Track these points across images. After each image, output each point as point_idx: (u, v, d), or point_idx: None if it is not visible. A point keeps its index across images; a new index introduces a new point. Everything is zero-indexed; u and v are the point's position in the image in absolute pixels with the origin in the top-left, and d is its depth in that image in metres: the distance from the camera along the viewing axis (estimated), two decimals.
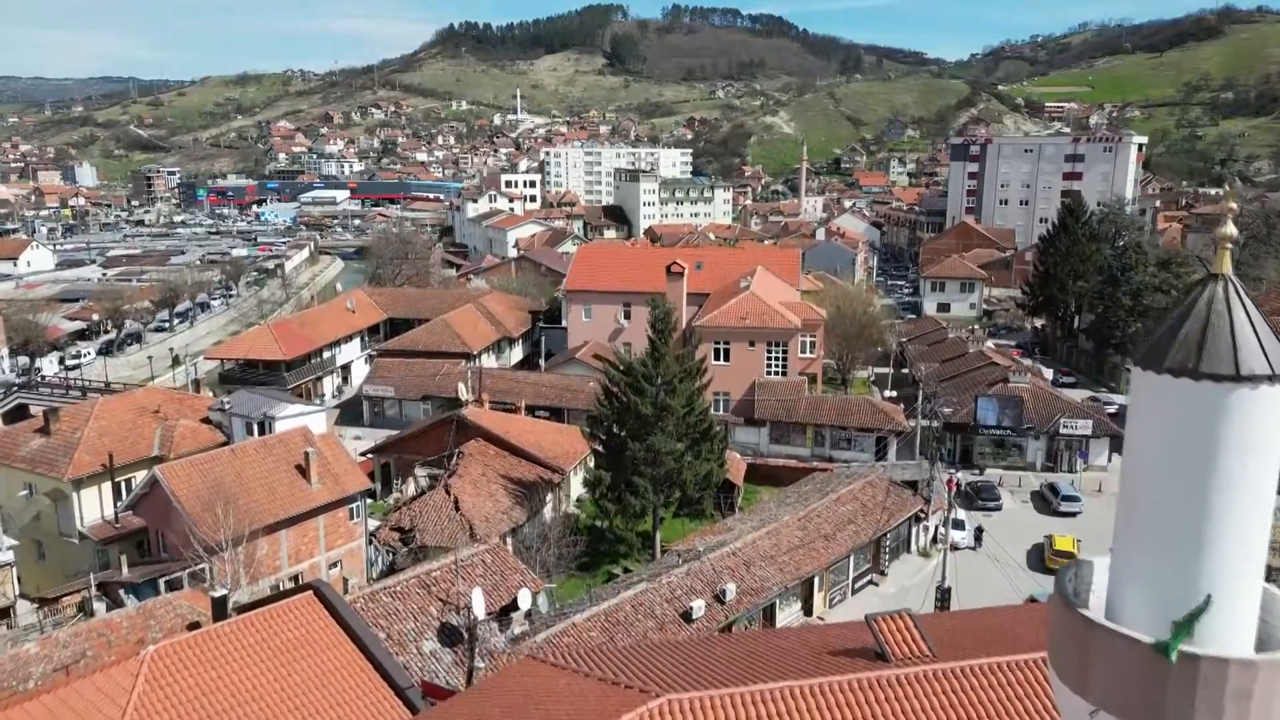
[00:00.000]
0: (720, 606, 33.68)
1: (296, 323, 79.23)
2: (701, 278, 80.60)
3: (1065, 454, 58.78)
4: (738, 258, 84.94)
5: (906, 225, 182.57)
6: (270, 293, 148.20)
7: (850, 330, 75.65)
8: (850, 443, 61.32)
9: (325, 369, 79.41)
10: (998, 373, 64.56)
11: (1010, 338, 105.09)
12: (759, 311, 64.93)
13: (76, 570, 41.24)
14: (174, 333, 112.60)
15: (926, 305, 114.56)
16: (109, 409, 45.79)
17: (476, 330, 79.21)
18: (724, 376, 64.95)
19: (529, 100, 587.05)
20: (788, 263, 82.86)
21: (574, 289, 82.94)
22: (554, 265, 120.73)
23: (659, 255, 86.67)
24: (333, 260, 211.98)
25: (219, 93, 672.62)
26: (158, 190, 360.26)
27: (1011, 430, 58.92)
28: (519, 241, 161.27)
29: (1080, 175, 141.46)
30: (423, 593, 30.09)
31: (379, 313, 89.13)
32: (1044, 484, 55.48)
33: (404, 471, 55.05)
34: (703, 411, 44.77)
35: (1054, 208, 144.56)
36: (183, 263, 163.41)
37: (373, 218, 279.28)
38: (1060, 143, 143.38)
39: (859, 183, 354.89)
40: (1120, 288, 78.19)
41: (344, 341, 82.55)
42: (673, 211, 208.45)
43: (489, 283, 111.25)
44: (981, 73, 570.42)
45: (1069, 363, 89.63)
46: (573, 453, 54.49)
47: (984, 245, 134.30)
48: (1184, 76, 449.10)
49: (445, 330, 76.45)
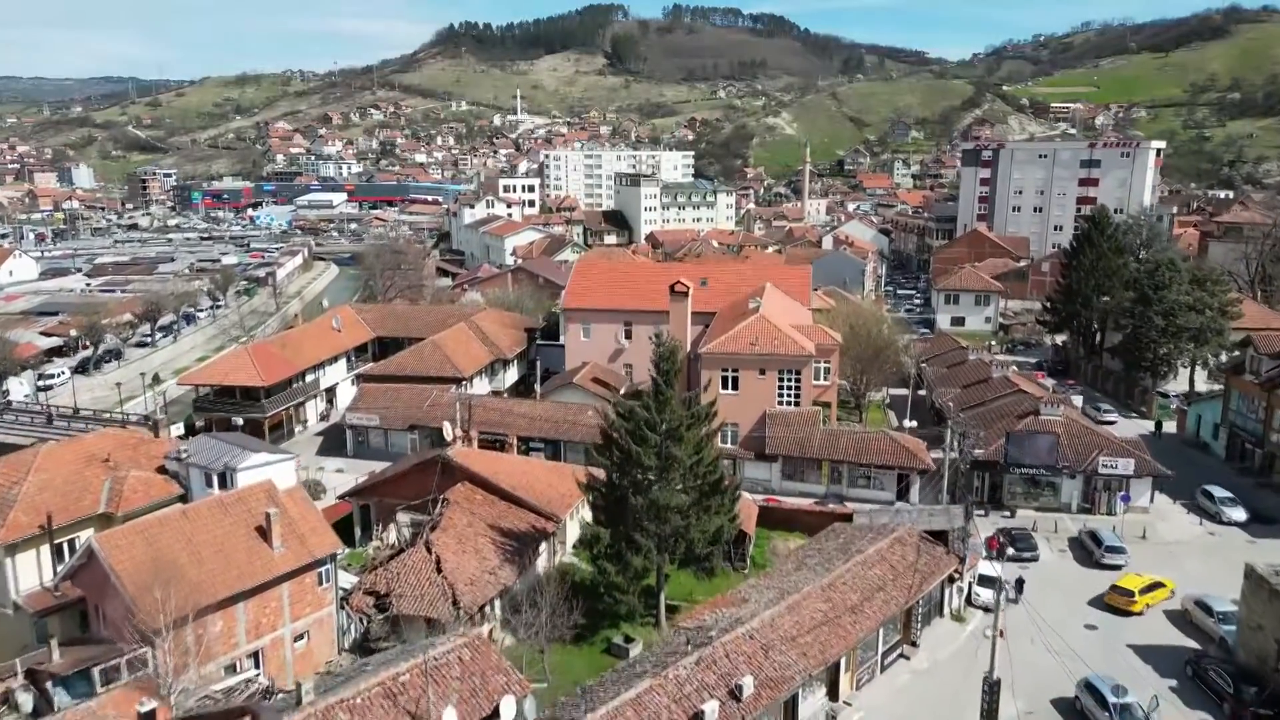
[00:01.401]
0: (736, 705, 29.15)
1: (277, 344, 74.61)
2: (706, 295, 76.09)
3: (1104, 495, 54.16)
4: (744, 273, 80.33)
5: (914, 232, 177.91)
6: (261, 302, 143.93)
7: (866, 353, 71.12)
8: (870, 480, 56.73)
9: (308, 393, 74.86)
10: (1027, 403, 59.93)
11: (1029, 354, 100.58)
12: (770, 336, 60.34)
13: (14, 646, 36.76)
14: (156, 348, 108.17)
15: (940, 319, 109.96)
16: (53, 459, 41.23)
17: (468, 352, 74.66)
18: (732, 406, 60.42)
19: (529, 101, 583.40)
20: (798, 280, 78.27)
21: (572, 307, 78.43)
22: (552, 276, 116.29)
23: (661, 271, 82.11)
24: (327, 266, 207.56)
25: (218, 93, 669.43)
26: (153, 193, 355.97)
27: (1045, 469, 54.30)
28: (516, 249, 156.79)
29: (1096, 181, 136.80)
30: (387, 704, 25.58)
31: (367, 331, 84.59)
32: (1084, 530, 50.87)
33: (385, 516, 50.50)
34: (712, 461, 40.22)
35: (1069, 215, 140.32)
36: (171, 271, 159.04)
37: (369, 221, 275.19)
38: (1076, 148, 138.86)
39: (862, 185, 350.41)
40: (1152, 306, 73.54)
41: (329, 363, 78.00)
42: (675, 216, 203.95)
43: (484, 296, 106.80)
44: (984, 72, 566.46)
45: (1095, 384, 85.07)
46: (569, 496, 49.95)
47: (997, 254, 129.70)
48: (1190, 77, 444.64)
49: (435, 353, 71.87)
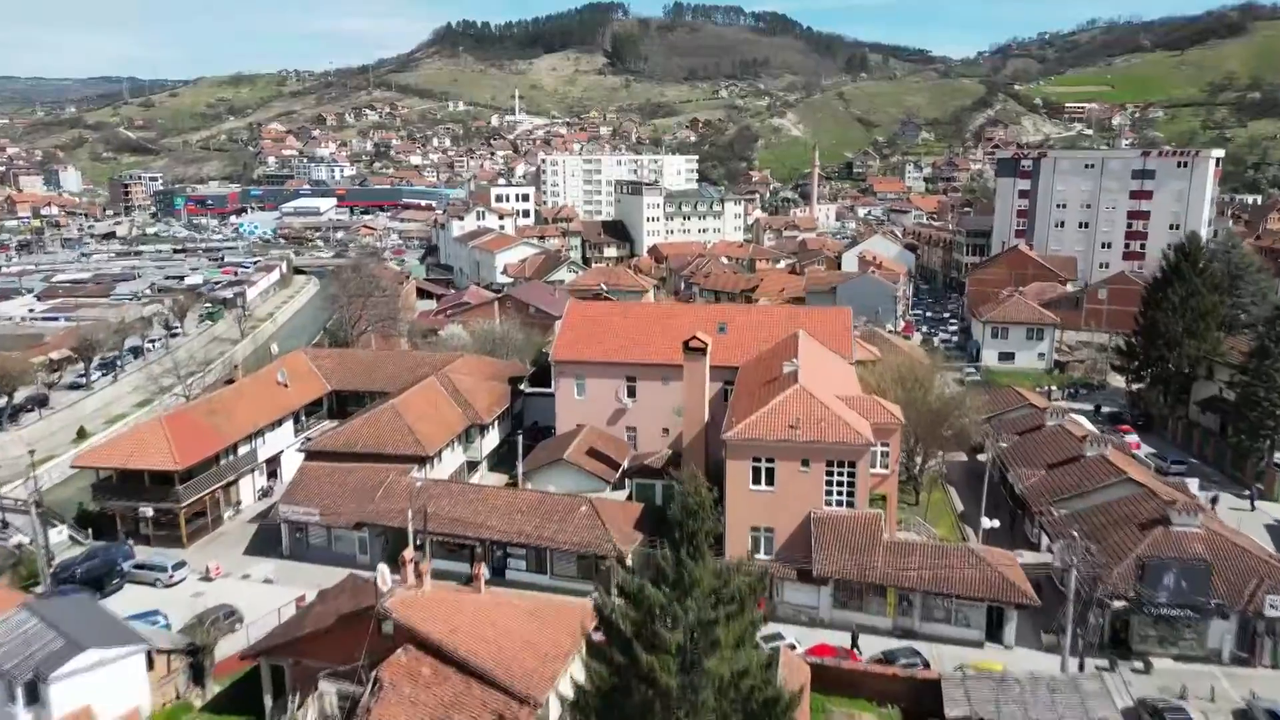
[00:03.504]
0: None
1: (204, 410, 61.02)
2: (726, 343, 62.91)
3: (1268, 640, 40.73)
4: (770, 318, 66.84)
5: (939, 245, 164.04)
6: (225, 328, 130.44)
7: (923, 419, 57.65)
8: (952, 616, 43.26)
9: (241, 469, 61.39)
10: (1147, 505, 46.38)
11: (1091, 397, 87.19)
12: (815, 417, 46.79)
13: None
14: (91, 390, 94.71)
15: (985, 354, 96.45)
16: None
17: (437, 418, 61.17)
18: (766, 506, 47.09)
19: (528, 101, 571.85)
20: (836, 326, 64.81)
21: (563, 359, 65.05)
22: (544, 306, 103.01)
23: (667, 315, 68.50)
24: (308, 281, 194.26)
25: (212, 93, 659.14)
26: (135, 198, 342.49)
27: (1190, 608, 40.85)
28: (508, 267, 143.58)
29: (1150, 194, 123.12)
30: None
31: (321, 384, 71.19)
32: (1253, 700, 37.42)
33: (303, 684, 37.16)
34: (765, 673, 26.64)
35: (1119, 231, 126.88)
36: (130, 291, 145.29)
37: (357, 229, 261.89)
38: (1127, 157, 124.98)
39: (873, 188, 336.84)
40: (1273, 361, 60.07)
41: (271, 428, 64.59)
42: (679, 227, 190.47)
43: (467, 330, 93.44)
44: (990, 71, 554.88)
45: (1184, 444, 71.69)
46: (555, 655, 36.61)
47: (1041, 275, 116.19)
48: (1207, 76, 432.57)
49: (394, 423, 58.34)
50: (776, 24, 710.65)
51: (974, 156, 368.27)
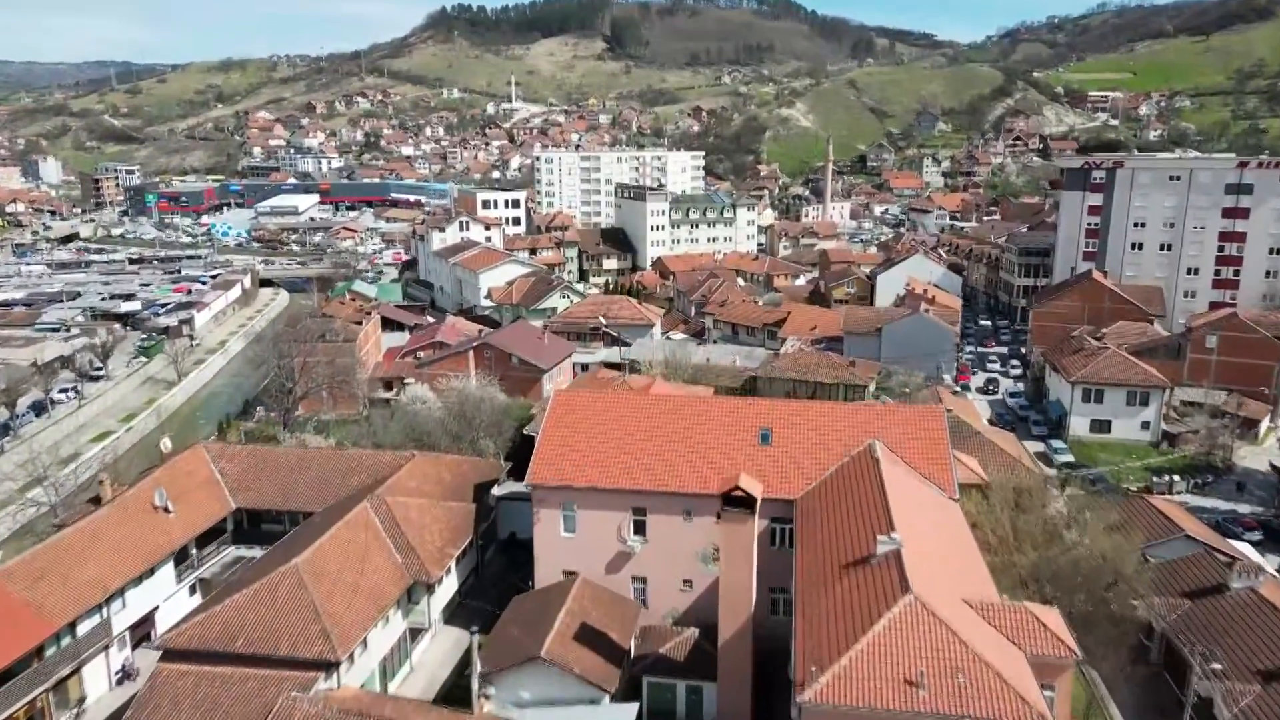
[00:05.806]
0: None
1: (26, 575, 42.40)
2: (772, 462, 44.94)
3: None
4: (830, 420, 48.13)
5: (983, 261, 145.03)
6: (161, 367, 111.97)
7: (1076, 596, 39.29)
8: None
9: (84, 651, 43.11)
10: None
11: (1217, 486, 69.10)
12: (944, 662, 28.45)
13: None
14: None
15: (1074, 424, 77.90)
16: None
17: (362, 583, 42.71)
18: None
19: (524, 87, 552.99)
20: (925, 434, 46.32)
21: (544, 484, 46.64)
22: (530, 357, 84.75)
23: (692, 414, 49.59)
24: (275, 295, 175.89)
25: (202, 79, 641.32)
26: (106, 194, 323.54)
27: None
28: (493, 292, 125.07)
29: (1246, 213, 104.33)
30: None
31: (223, 501, 52.85)
32: None
33: None
34: None
35: (1209, 256, 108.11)
36: (58, 319, 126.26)
37: (336, 231, 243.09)
38: (1219, 169, 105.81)
39: (889, 184, 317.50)
40: None
41: (137, 582, 46.34)
42: (686, 236, 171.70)
43: (434, 391, 75.25)
44: (999, 55, 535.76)
45: None
46: None
47: (1121, 310, 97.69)
48: (1234, 62, 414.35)
49: (294, 598, 39.95)
50: (780, 7, 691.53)
51: (995, 149, 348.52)
